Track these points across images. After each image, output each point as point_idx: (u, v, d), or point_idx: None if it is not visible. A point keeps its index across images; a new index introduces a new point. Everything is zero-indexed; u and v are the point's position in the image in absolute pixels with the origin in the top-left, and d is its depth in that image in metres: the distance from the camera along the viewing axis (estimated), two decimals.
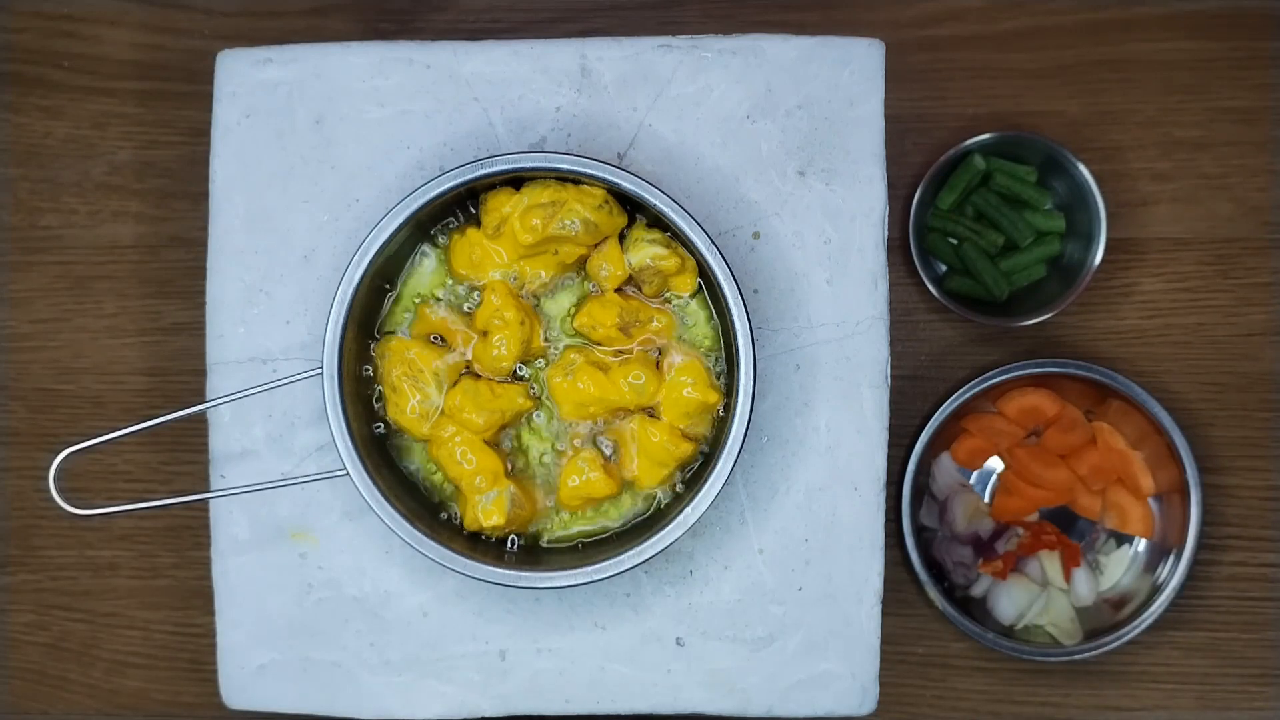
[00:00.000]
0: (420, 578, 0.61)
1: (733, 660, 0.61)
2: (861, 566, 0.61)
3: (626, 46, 0.62)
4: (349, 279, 0.56)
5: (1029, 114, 0.74)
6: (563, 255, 0.58)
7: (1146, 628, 0.69)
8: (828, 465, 0.61)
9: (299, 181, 0.62)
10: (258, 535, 0.61)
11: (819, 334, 0.61)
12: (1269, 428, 0.73)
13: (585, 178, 0.57)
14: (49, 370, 0.74)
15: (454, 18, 0.75)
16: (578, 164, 0.56)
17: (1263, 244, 0.73)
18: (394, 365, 0.58)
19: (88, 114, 0.74)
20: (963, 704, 0.72)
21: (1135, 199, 0.74)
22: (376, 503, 0.56)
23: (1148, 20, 0.74)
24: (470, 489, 0.58)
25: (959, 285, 0.73)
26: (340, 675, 0.61)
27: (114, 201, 0.74)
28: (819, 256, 0.62)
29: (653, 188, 0.56)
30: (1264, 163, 0.74)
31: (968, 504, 0.72)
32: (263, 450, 0.61)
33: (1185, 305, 0.73)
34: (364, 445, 0.57)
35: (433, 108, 0.62)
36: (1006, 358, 0.73)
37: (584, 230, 0.57)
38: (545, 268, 0.59)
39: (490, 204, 0.58)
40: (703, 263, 0.57)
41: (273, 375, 0.61)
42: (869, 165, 0.62)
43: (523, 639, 0.61)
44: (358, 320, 0.57)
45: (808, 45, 0.62)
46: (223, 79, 0.62)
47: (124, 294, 0.74)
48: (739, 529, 0.61)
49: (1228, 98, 0.74)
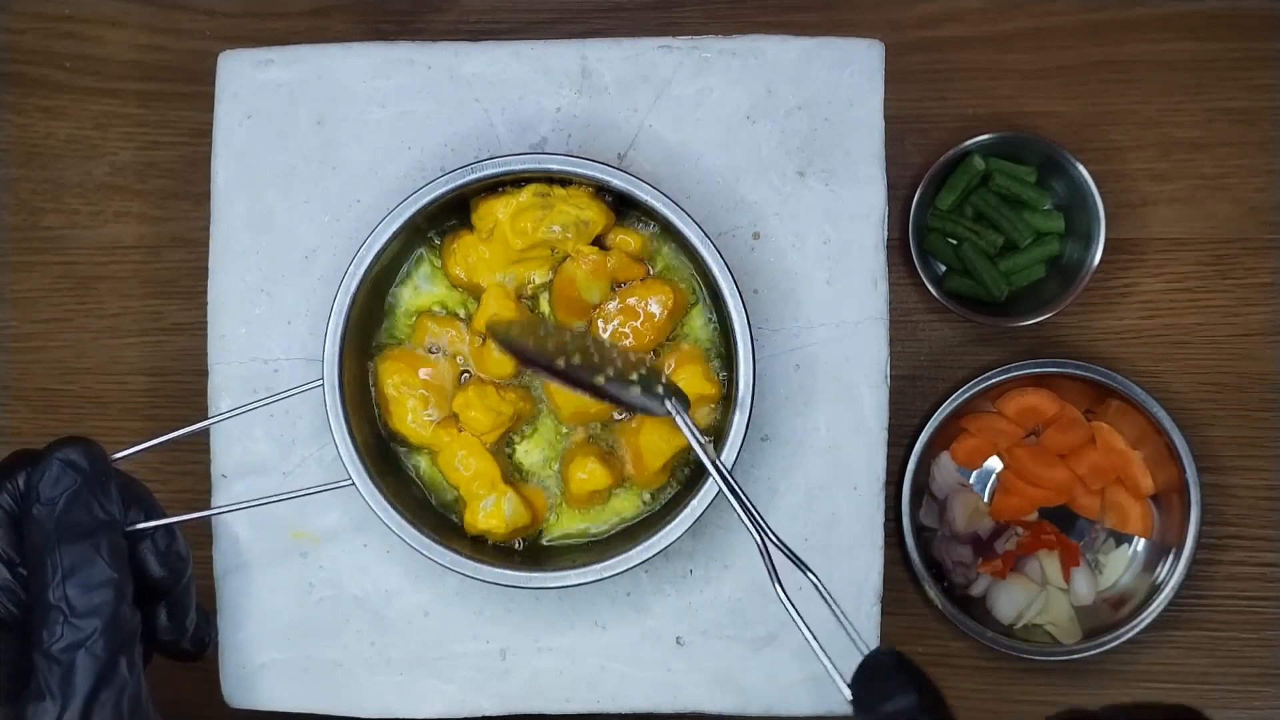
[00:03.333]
0: (421, 577, 0.61)
1: (733, 659, 0.61)
2: (861, 566, 0.61)
3: (627, 47, 0.62)
4: (345, 289, 0.56)
5: (1029, 114, 0.74)
6: (557, 256, 0.58)
7: (1145, 627, 0.69)
8: (827, 465, 0.61)
9: (300, 182, 0.62)
10: (259, 535, 0.62)
11: (819, 334, 0.61)
12: (1268, 427, 0.73)
13: (577, 178, 0.57)
14: (51, 370, 0.74)
15: (455, 19, 0.75)
16: (568, 164, 0.56)
17: (1262, 244, 0.73)
18: (392, 374, 0.58)
19: (89, 115, 0.74)
20: (962, 703, 0.72)
21: (1134, 199, 0.74)
22: (383, 510, 0.56)
23: (1148, 20, 0.74)
24: (470, 495, 0.58)
25: (958, 285, 0.73)
26: (341, 674, 0.62)
27: (116, 202, 0.74)
28: (819, 257, 0.62)
29: (648, 186, 0.56)
30: (1263, 163, 0.74)
31: (967, 504, 0.72)
32: (265, 452, 0.62)
33: (1184, 305, 0.74)
34: (368, 453, 0.57)
35: (433, 108, 0.62)
36: (1006, 358, 0.73)
37: (575, 232, 0.57)
38: (540, 269, 0.59)
39: (481, 209, 0.58)
40: (701, 263, 0.57)
41: (274, 375, 0.61)
42: (869, 166, 0.62)
43: (523, 638, 0.61)
44: (356, 328, 0.57)
45: (807, 46, 0.62)
46: (224, 80, 0.63)
47: (126, 294, 0.74)
48: (739, 528, 0.61)
49: (1227, 98, 0.74)
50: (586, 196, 0.58)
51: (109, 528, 0.44)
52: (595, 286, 0.58)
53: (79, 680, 0.42)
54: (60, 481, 0.44)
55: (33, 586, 0.43)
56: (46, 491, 0.44)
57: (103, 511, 0.44)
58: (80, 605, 0.42)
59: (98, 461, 0.45)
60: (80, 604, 0.42)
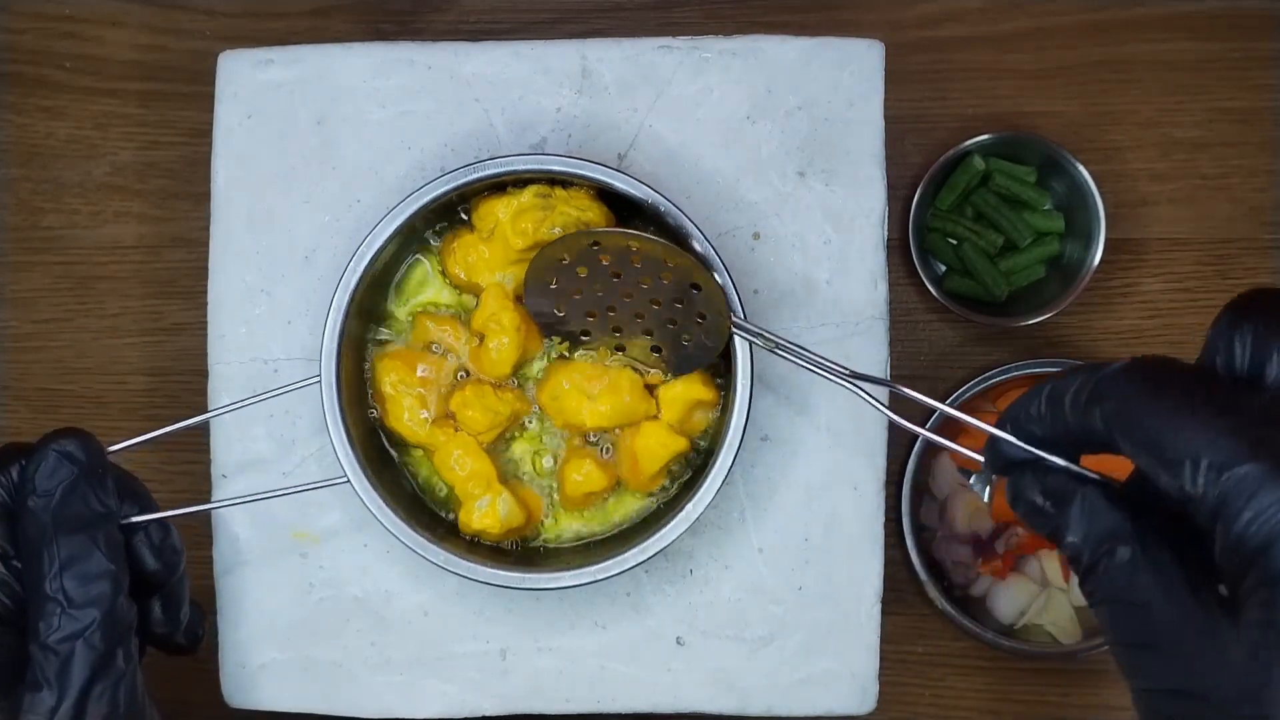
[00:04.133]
0: (421, 577, 0.61)
1: (733, 659, 0.61)
2: (861, 566, 0.61)
3: (627, 47, 0.62)
4: (344, 285, 0.56)
5: (1029, 114, 0.74)
6: None
7: None
8: (828, 465, 0.61)
9: (300, 182, 0.62)
10: (259, 535, 0.62)
11: (819, 334, 0.61)
12: None
13: (578, 179, 0.57)
14: (51, 370, 0.74)
15: (455, 19, 0.75)
16: (570, 165, 0.56)
17: (1262, 244, 0.73)
18: (389, 372, 0.58)
19: (89, 115, 0.74)
20: (962, 703, 0.72)
21: (1134, 199, 0.74)
22: (378, 509, 0.56)
23: (1148, 20, 0.74)
24: (466, 494, 0.58)
25: (959, 285, 0.73)
26: (341, 674, 0.62)
27: (116, 202, 0.74)
28: (819, 257, 0.62)
29: (645, 186, 0.56)
30: (1263, 163, 0.74)
31: (968, 504, 0.72)
32: (265, 450, 0.62)
33: (1184, 305, 0.74)
34: (365, 451, 0.57)
35: (434, 109, 0.62)
36: (1006, 358, 0.73)
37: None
38: None
39: (481, 209, 0.58)
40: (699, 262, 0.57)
41: (274, 375, 0.62)
42: (869, 166, 0.62)
43: (523, 638, 0.61)
44: (355, 326, 0.58)
45: (808, 46, 0.62)
46: (224, 80, 0.63)
47: (126, 294, 0.74)
48: (739, 528, 0.61)
49: (1227, 98, 0.74)
50: (588, 198, 0.58)
51: (106, 520, 0.44)
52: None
53: (76, 671, 0.41)
54: (57, 473, 0.44)
55: (28, 579, 0.43)
56: (43, 483, 0.43)
57: (99, 504, 0.44)
58: (78, 597, 0.42)
59: (94, 454, 0.45)
60: (78, 595, 0.42)
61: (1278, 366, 0.35)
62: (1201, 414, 0.34)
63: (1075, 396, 0.38)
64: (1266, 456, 0.32)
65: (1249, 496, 0.32)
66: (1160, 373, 0.36)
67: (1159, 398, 0.35)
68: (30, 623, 0.42)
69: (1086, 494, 0.38)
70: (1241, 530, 0.32)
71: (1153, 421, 0.34)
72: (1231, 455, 0.32)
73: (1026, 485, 0.40)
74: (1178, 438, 0.34)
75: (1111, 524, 0.37)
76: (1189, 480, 0.33)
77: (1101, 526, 0.37)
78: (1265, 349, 0.35)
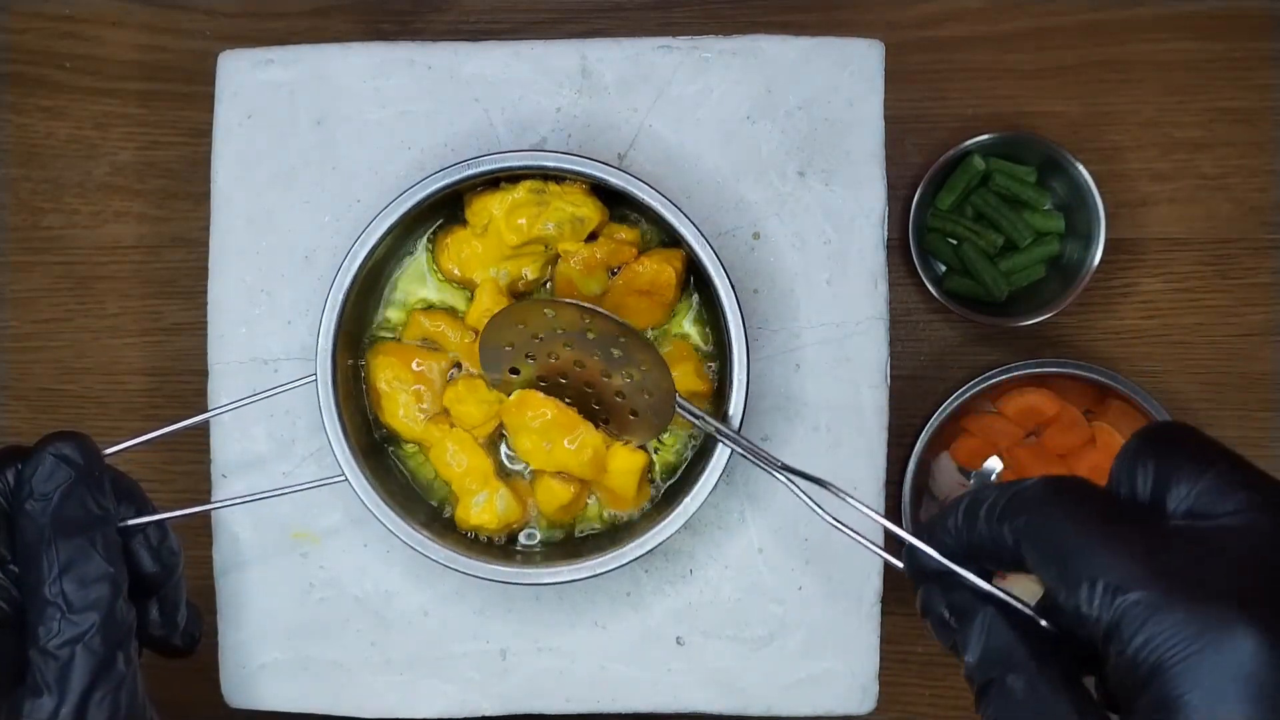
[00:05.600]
0: (421, 577, 0.61)
1: (733, 659, 0.61)
2: (861, 566, 0.61)
3: (627, 47, 0.62)
4: (339, 283, 0.56)
5: (1029, 114, 0.74)
6: (551, 252, 0.58)
7: None
8: (828, 465, 0.61)
9: (300, 182, 0.62)
10: (259, 535, 0.62)
11: (819, 334, 0.61)
12: (1269, 428, 0.73)
13: (571, 175, 0.57)
14: (51, 370, 0.74)
15: (455, 18, 0.75)
16: (564, 161, 0.56)
17: (1262, 244, 0.73)
18: (384, 368, 0.58)
19: (89, 115, 0.75)
20: (962, 703, 0.72)
21: (1134, 199, 0.74)
22: (376, 506, 0.56)
23: (1148, 20, 0.74)
24: (462, 490, 0.58)
25: (959, 285, 0.73)
26: (341, 674, 0.62)
27: (116, 202, 0.74)
28: (819, 257, 0.62)
29: (643, 184, 0.56)
30: (1263, 163, 0.74)
31: None
32: (264, 450, 0.62)
33: (1184, 305, 0.74)
34: (362, 449, 0.57)
35: (433, 108, 0.62)
36: (1006, 358, 0.73)
37: (569, 228, 0.57)
38: (533, 265, 0.59)
39: (476, 205, 0.58)
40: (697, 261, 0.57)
41: (274, 375, 0.62)
42: (868, 165, 0.62)
43: (523, 638, 0.61)
44: (351, 324, 0.57)
45: (807, 46, 0.62)
46: (224, 80, 0.63)
47: (126, 294, 0.74)
48: (739, 528, 0.61)
49: (1227, 98, 0.74)
50: (581, 193, 0.58)
51: (104, 522, 0.44)
52: (593, 280, 0.58)
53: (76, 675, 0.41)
54: (54, 476, 0.43)
55: (26, 582, 0.43)
56: (40, 486, 0.43)
57: (97, 506, 0.44)
58: (77, 600, 0.42)
59: (91, 456, 0.45)
60: (77, 599, 0.42)
61: (1176, 498, 0.35)
62: (1102, 536, 0.34)
63: (989, 510, 0.38)
64: (1160, 583, 0.32)
65: (1142, 621, 0.32)
66: (1070, 494, 0.36)
67: (1066, 517, 0.35)
68: (29, 627, 0.42)
69: (987, 614, 0.38)
70: (1134, 654, 0.32)
71: (1058, 540, 0.35)
72: (1127, 579, 0.33)
73: (934, 598, 0.40)
74: (1079, 557, 0.34)
75: (1006, 646, 0.37)
76: (1084, 601, 0.34)
77: (996, 648, 0.37)
78: (1164, 481, 0.36)
